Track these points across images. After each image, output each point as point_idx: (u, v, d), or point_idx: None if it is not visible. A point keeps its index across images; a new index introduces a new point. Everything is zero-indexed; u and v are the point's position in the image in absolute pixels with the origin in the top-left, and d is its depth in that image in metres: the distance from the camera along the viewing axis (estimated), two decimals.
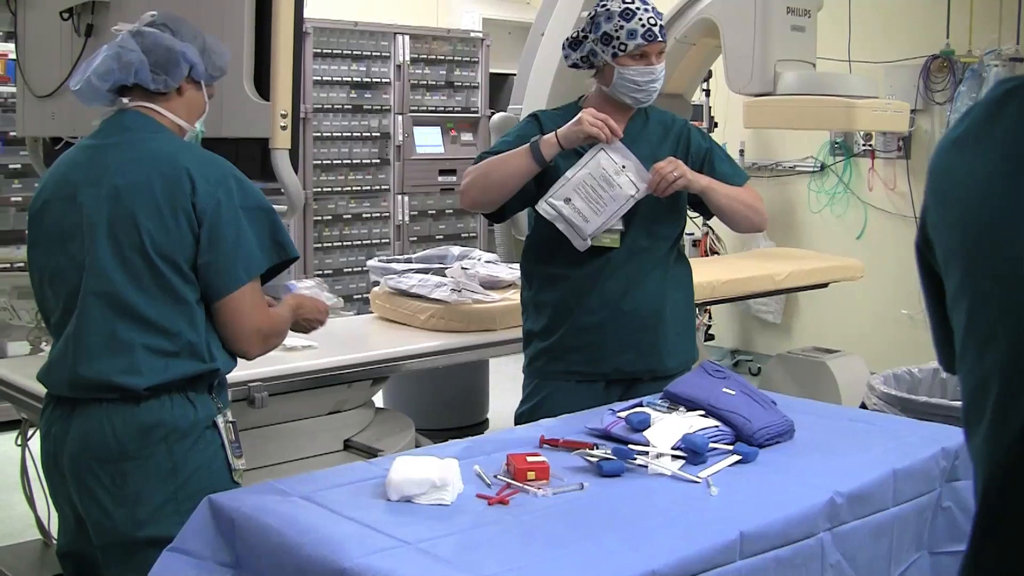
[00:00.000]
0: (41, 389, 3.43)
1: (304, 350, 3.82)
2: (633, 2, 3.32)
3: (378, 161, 7.99)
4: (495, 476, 2.47)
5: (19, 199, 6.70)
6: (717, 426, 2.73)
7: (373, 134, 7.93)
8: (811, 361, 6.34)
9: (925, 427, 3.03)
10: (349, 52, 7.76)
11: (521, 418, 3.44)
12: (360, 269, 7.78)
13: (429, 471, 2.34)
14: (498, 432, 2.95)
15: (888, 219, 7.80)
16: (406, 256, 5.15)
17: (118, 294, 2.57)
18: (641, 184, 3.26)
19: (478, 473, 2.49)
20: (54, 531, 4.21)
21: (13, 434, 4.26)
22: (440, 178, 8.22)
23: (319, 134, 7.66)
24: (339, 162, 7.80)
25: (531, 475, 2.42)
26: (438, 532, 2.16)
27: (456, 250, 4.99)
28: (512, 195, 3.36)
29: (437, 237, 8.25)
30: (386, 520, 2.22)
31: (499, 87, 8.59)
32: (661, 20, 3.36)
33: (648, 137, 3.46)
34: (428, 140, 8.17)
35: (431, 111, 8.22)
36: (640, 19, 3.30)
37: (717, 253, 8.46)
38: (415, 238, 8.15)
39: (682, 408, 2.83)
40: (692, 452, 2.58)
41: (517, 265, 4.90)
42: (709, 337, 8.71)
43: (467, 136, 8.39)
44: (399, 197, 8.06)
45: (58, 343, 2.69)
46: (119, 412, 2.57)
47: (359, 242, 7.97)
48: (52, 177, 2.77)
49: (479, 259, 4.89)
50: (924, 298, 1.59)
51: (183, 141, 2.74)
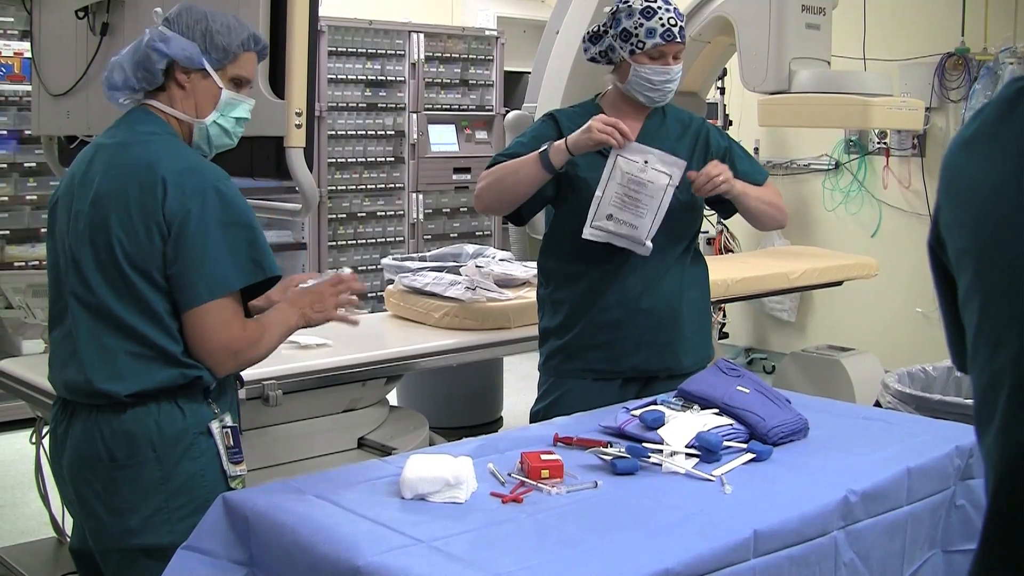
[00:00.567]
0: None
1: (318, 348, 3.83)
2: (655, 0, 3.31)
3: (392, 159, 8.00)
4: (509, 474, 2.47)
5: (34, 197, 6.72)
6: (731, 424, 2.73)
7: (388, 132, 7.93)
8: (825, 359, 6.33)
9: (939, 425, 3.03)
10: (364, 50, 7.77)
11: (537, 416, 3.44)
12: (374, 267, 7.80)
13: (443, 469, 2.34)
14: (512, 430, 2.95)
15: (903, 217, 7.78)
16: (420, 254, 5.16)
17: (98, 300, 2.55)
18: (672, 169, 3.23)
19: (492, 471, 2.49)
20: (68, 529, 4.24)
21: (28, 432, 4.27)
22: (455, 176, 8.22)
23: (334, 132, 7.67)
24: (354, 160, 7.81)
25: (545, 473, 2.41)
26: (452, 530, 2.16)
27: (470, 248, 4.99)
28: (526, 200, 3.37)
29: (451, 235, 8.26)
30: (400, 518, 2.22)
31: (514, 85, 8.60)
32: (682, 21, 3.34)
33: (666, 135, 3.45)
34: (442, 138, 8.17)
35: (446, 109, 8.22)
36: (660, 18, 3.29)
37: (731, 251, 8.45)
38: (429, 236, 8.16)
39: (696, 406, 2.83)
40: (706, 450, 2.58)
41: (531, 263, 4.91)
42: (723, 335, 8.70)
43: (482, 134, 8.39)
44: (413, 195, 8.07)
45: (54, 342, 2.68)
46: (107, 420, 2.55)
47: (373, 240, 7.98)
48: (67, 173, 2.76)
49: (493, 257, 4.89)
50: (937, 297, 1.58)
51: (176, 148, 2.64)
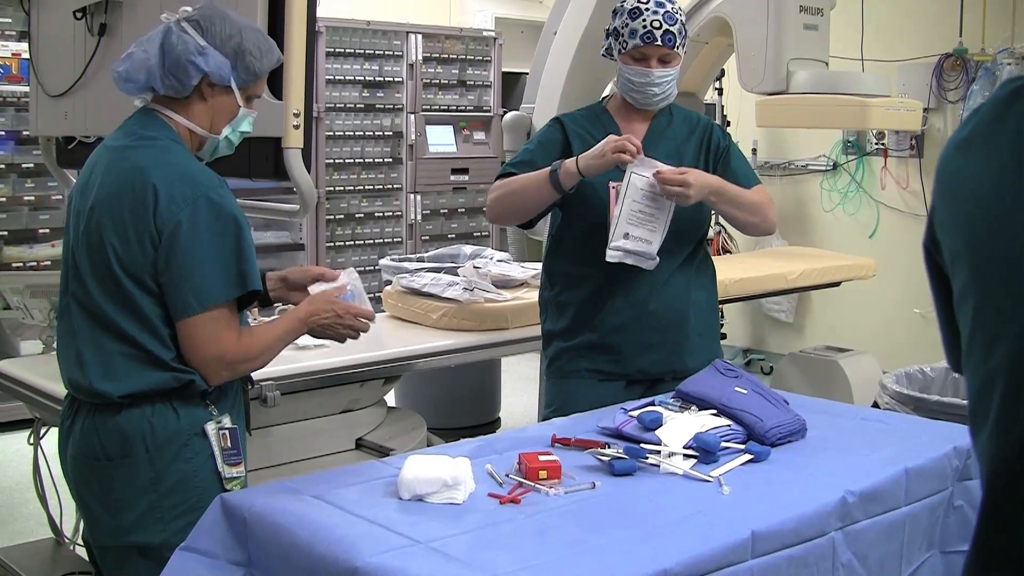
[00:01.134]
0: (53, 388, 3.49)
1: (316, 349, 3.83)
2: (646, 1, 3.29)
3: (390, 160, 7.99)
4: (507, 475, 2.47)
5: (32, 198, 6.72)
6: (729, 425, 2.73)
7: (385, 133, 7.93)
8: (823, 360, 6.34)
9: (937, 426, 3.03)
10: (361, 51, 7.77)
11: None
12: (372, 268, 7.79)
13: (441, 470, 2.34)
14: (510, 431, 2.95)
15: (901, 218, 7.78)
16: (418, 255, 5.16)
17: (94, 302, 2.56)
18: None
19: (490, 472, 2.49)
20: (66, 530, 4.24)
21: (26, 432, 4.27)
22: (452, 177, 8.22)
23: (331, 133, 7.66)
24: (351, 161, 7.81)
25: (543, 474, 2.42)
26: (450, 531, 2.16)
27: (468, 249, 4.99)
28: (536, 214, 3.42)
29: (449, 236, 8.26)
30: (398, 519, 2.23)
31: (511, 86, 8.59)
32: (672, 25, 3.29)
33: (673, 135, 3.45)
34: (440, 139, 8.17)
35: (443, 110, 8.22)
36: (644, 20, 3.28)
37: (729, 252, 8.45)
38: (427, 237, 8.16)
39: (694, 407, 2.83)
40: (704, 451, 2.58)
41: (529, 264, 4.92)
42: (721, 336, 8.69)
43: (479, 135, 8.39)
44: (411, 196, 8.07)
45: (59, 339, 2.70)
46: (103, 419, 2.57)
47: (371, 241, 7.98)
48: (81, 172, 2.76)
49: (491, 258, 4.89)
50: (932, 298, 1.59)
51: (171, 153, 2.61)
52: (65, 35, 4.12)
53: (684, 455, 2.58)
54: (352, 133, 7.77)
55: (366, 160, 7.87)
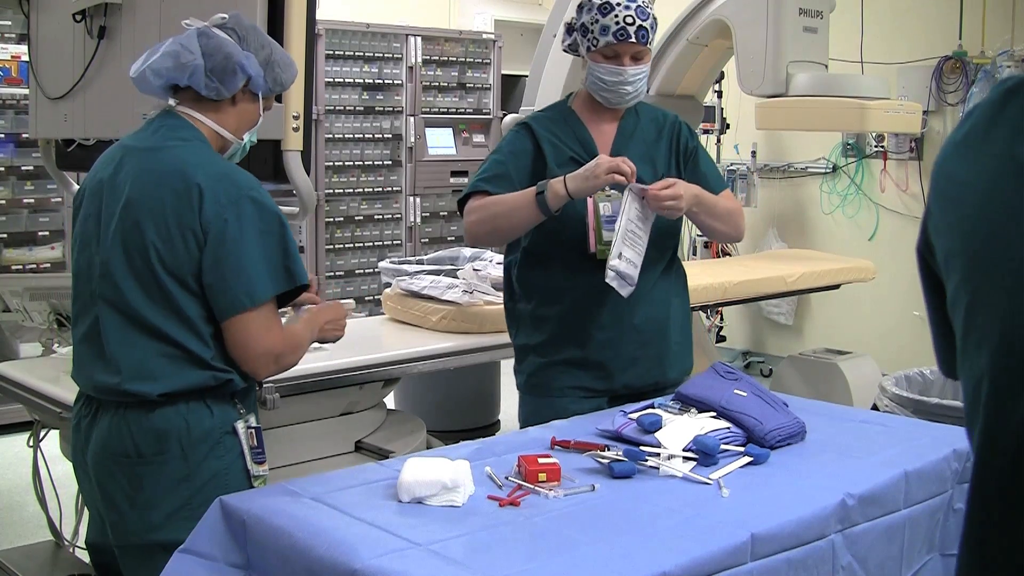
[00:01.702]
0: (53, 391, 3.49)
1: (315, 351, 3.82)
2: None
3: (390, 163, 7.99)
4: (506, 478, 2.47)
5: (31, 200, 6.72)
6: (728, 428, 2.73)
7: (385, 136, 7.93)
8: (823, 363, 6.34)
9: (937, 428, 3.03)
10: (361, 54, 7.77)
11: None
12: (372, 271, 7.79)
13: (440, 473, 2.34)
14: (509, 434, 2.95)
15: (900, 220, 7.78)
16: (418, 257, 5.16)
17: (128, 304, 2.57)
18: None
19: (489, 475, 2.49)
20: (66, 532, 4.24)
21: (25, 435, 4.27)
22: (452, 179, 8.21)
23: (331, 136, 7.66)
24: (351, 164, 7.81)
25: (542, 477, 2.41)
26: (449, 534, 2.16)
27: (468, 251, 4.99)
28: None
29: (449, 238, 8.26)
30: (397, 522, 2.22)
31: (511, 88, 8.60)
32: (644, 20, 3.16)
33: (643, 136, 3.33)
34: (440, 141, 8.17)
35: (443, 112, 8.22)
36: (616, 16, 3.13)
37: (729, 254, 8.45)
38: (427, 239, 8.16)
39: (693, 410, 2.83)
40: (703, 454, 2.58)
41: None
42: (721, 339, 8.71)
43: (479, 137, 8.39)
44: (411, 199, 8.07)
45: (77, 341, 2.70)
46: (135, 416, 2.58)
47: (371, 244, 7.98)
48: (92, 171, 2.76)
49: (490, 260, 4.88)
50: (925, 301, 1.59)
51: (208, 154, 2.65)
52: (65, 38, 4.13)
53: (683, 458, 2.58)
54: (351, 136, 7.77)
55: (365, 163, 7.87)
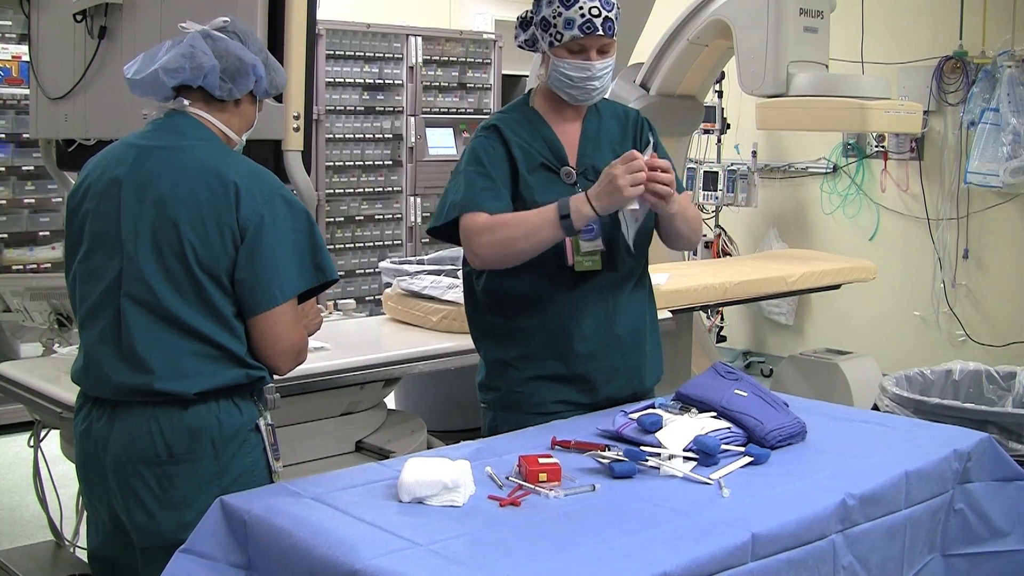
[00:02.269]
0: (53, 391, 3.47)
1: (316, 351, 3.83)
2: None
3: (390, 163, 8.00)
4: (507, 478, 2.47)
5: (32, 200, 6.72)
6: (729, 428, 2.73)
7: (385, 136, 7.94)
8: (823, 363, 6.34)
9: (937, 429, 3.02)
10: (361, 54, 7.77)
11: None
12: (372, 271, 7.79)
13: (441, 473, 2.34)
14: (509, 434, 2.94)
15: (901, 220, 7.79)
16: (418, 257, 5.15)
17: (160, 303, 2.55)
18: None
19: (490, 475, 2.48)
20: (67, 532, 4.24)
21: (26, 435, 4.27)
22: None
23: (331, 136, 7.67)
24: (351, 164, 7.81)
25: (543, 477, 2.41)
26: (450, 534, 2.16)
27: None
28: None
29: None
30: (398, 521, 2.22)
31: (511, 88, 8.61)
32: (610, 11, 2.96)
33: (608, 136, 3.17)
34: (440, 141, 8.17)
35: (443, 112, 8.22)
36: (581, 7, 2.93)
37: (729, 254, 8.46)
38: (427, 240, 8.15)
39: (694, 410, 2.83)
40: (704, 454, 2.58)
41: None
42: (721, 339, 8.71)
43: None
44: (411, 199, 8.07)
45: (90, 343, 2.65)
46: (167, 415, 2.56)
47: (371, 243, 7.98)
48: (93, 171, 2.72)
49: None
50: None
51: (233, 152, 2.69)
52: (65, 38, 4.13)
53: (684, 458, 2.58)
54: (352, 136, 7.78)
55: (366, 163, 7.87)
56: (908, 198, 7.75)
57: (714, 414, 2.79)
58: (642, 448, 2.60)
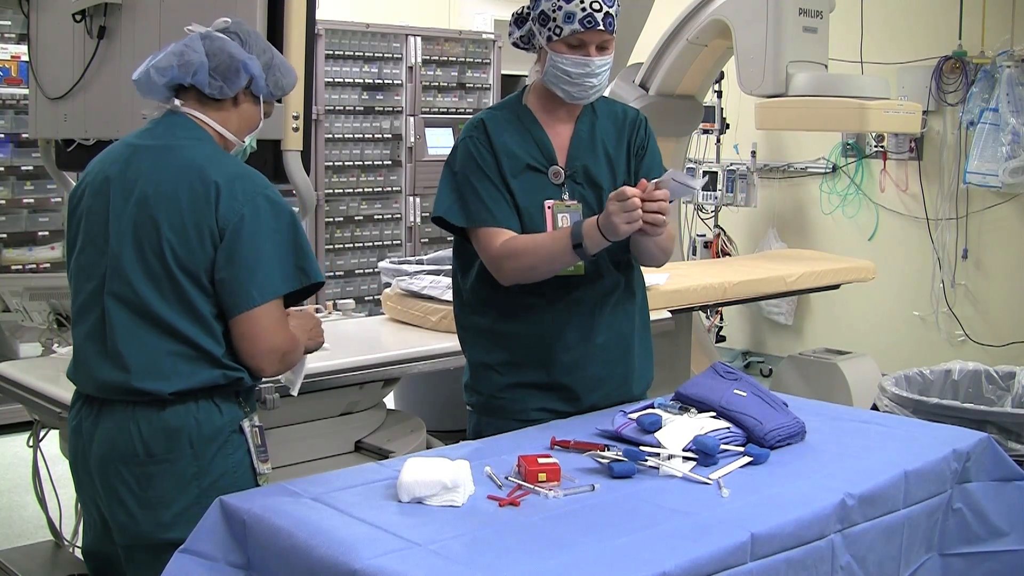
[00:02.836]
0: (53, 391, 3.47)
1: (315, 351, 3.82)
2: None
3: (390, 163, 7.99)
4: (506, 478, 2.47)
5: (31, 200, 6.72)
6: (728, 428, 2.73)
7: (385, 136, 7.93)
8: (822, 363, 6.34)
9: (936, 429, 3.03)
10: (361, 54, 7.76)
11: None
12: (372, 271, 7.79)
13: (440, 473, 2.34)
14: (509, 433, 2.94)
15: (900, 220, 7.79)
16: (417, 257, 5.15)
17: (140, 301, 2.56)
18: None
19: (489, 475, 2.48)
20: (66, 532, 4.24)
21: (25, 435, 4.27)
22: None
23: (331, 136, 7.66)
24: (351, 164, 7.80)
25: (542, 477, 2.41)
26: (449, 533, 2.16)
27: None
28: None
29: (448, 239, 8.20)
30: (397, 522, 2.22)
31: (511, 88, 8.59)
32: (612, 7, 2.92)
33: (603, 136, 3.12)
34: (440, 141, 8.16)
35: (443, 112, 8.21)
36: (581, 1, 2.89)
37: (728, 254, 8.46)
38: (427, 239, 8.15)
39: (693, 410, 2.83)
40: (703, 454, 2.58)
41: None
42: (721, 339, 8.71)
43: None
44: (411, 199, 8.06)
45: (79, 339, 2.68)
46: (145, 415, 2.57)
47: (371, 244, 7.97)
48: (93, 169, 2.75)
49: None
50: None
51: (221, 152, 2.69)
52: (64, 38, 4.13)
53: (683, 458, 2.58)
54: (351, 136, 7.77)
55: (365, 163, 7.87)
56: (907, 198, 7.76)
57: (713, 414, 2.79)
58: (641, 448, 2.60)
